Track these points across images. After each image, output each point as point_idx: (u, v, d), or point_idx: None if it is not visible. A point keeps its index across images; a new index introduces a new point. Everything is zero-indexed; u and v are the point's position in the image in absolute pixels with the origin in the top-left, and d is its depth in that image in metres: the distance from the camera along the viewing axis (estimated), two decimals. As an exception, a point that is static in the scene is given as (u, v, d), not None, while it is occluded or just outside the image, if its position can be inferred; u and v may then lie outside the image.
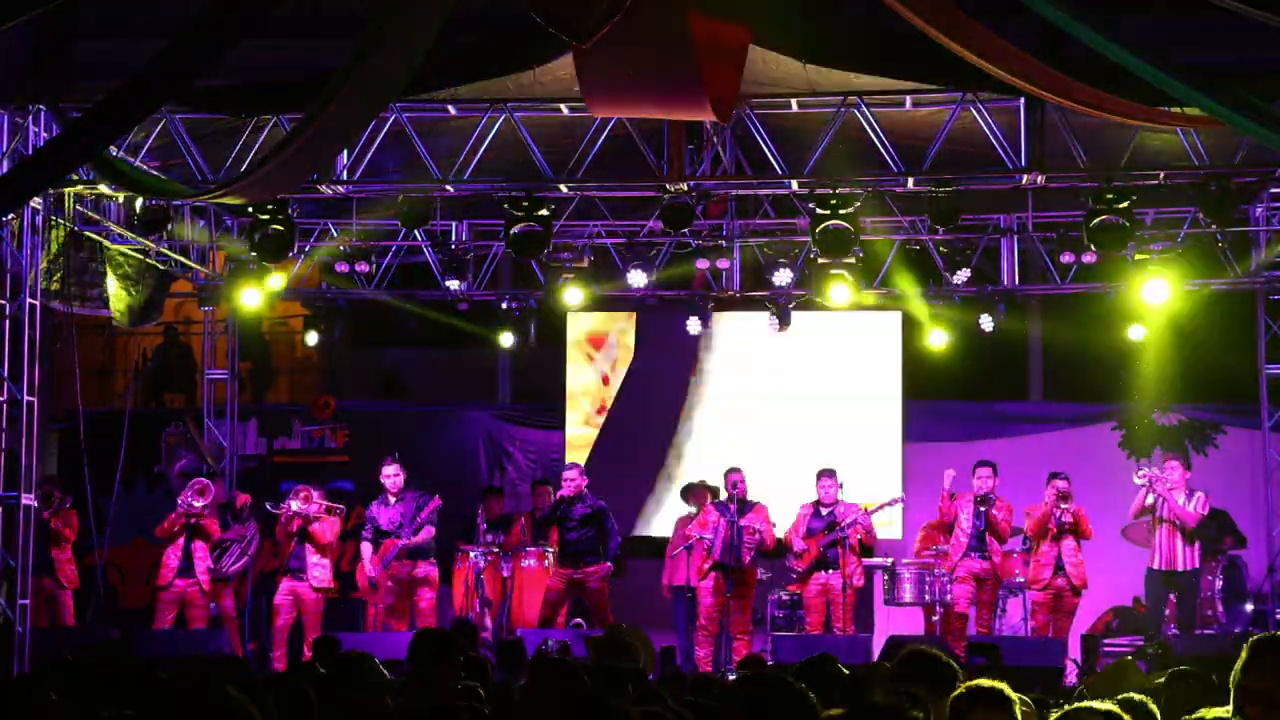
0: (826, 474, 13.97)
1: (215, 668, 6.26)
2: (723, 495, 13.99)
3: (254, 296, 14.98)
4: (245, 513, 14.55)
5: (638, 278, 14.86)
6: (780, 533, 14.06)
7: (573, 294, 14.82)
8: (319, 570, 13.97)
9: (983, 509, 13.59)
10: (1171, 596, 13.73)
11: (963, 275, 14.56)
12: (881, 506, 14.20)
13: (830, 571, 13.59)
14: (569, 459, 16.23)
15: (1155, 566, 13.60)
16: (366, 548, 14.09)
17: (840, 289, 14.26)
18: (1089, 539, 13.51)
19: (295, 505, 13.83)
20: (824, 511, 13.76)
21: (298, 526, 13.87)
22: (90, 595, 14.75)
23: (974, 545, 13.65)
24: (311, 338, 16.09)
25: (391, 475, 14.11)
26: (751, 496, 13.98)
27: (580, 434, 16.95)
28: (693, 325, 15.86)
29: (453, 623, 13.11)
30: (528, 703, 5.25)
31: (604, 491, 14.64)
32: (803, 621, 13.93)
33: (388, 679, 5.77)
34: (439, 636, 6.55)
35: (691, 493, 14.94)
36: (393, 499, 14.10)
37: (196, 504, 13.96)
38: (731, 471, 14.16)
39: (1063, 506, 13.36)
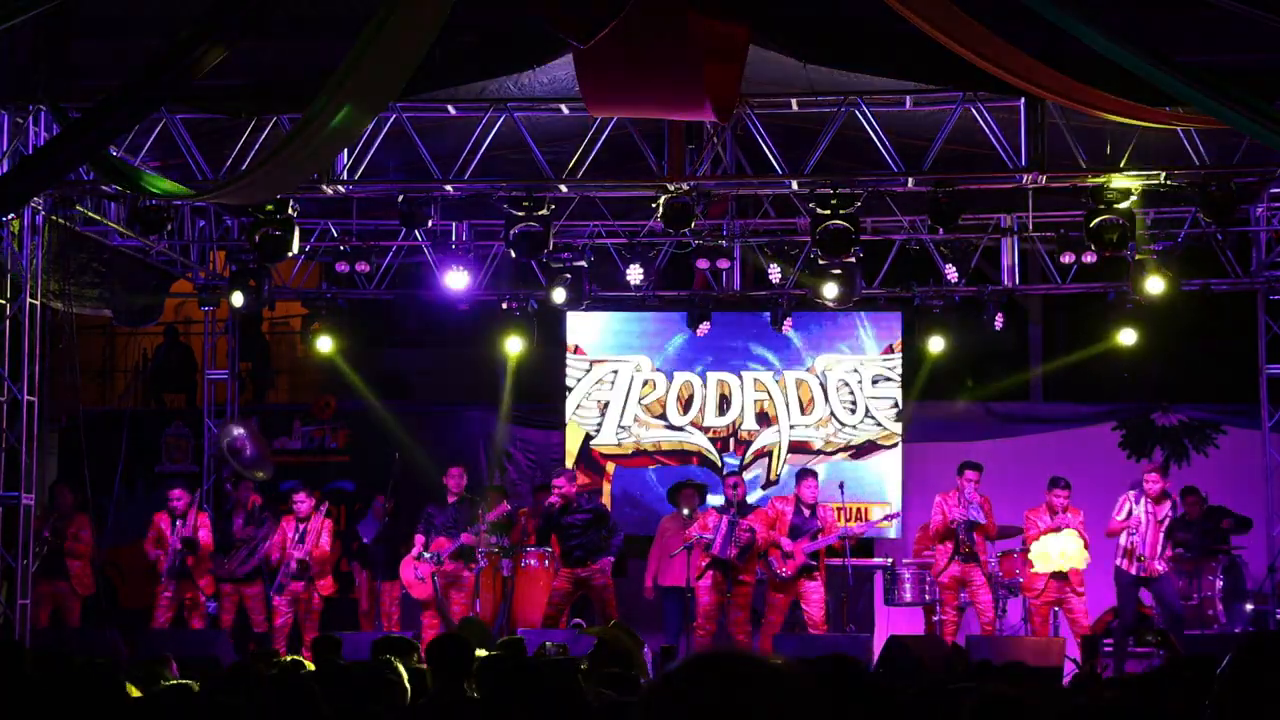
0: (809, 475, 14.04)
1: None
2: (718, 499, 14.04)
3: (240, 299, 14.94)
4: (257, 513, 14.57)
5: (637, 277, 14.85)
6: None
7: (572, 294, 14.79)
8: (321, 578, 14.05)
9: (965, 521, 13.60)
10: (1144, 595, 13.72)
11: (951, 272, 14.56)
12: (878, 522, 14.25)
13: (810, 578, 13.65)
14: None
15: (1129, 571, 13.59)
16: (420, 540, 14.32)
17: (839, 288, 14.25)
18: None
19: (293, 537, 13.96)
20: (805, 512, 13.78)
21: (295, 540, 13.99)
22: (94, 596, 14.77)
23: (957, 548, 13.66)
24: (325, 344, 15.95)
25: (455, 477, 14.46)
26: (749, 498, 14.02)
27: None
28: (701, 328, 15.83)
29: (460, 623, 13.15)
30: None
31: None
32: (802, 622, 13.94)
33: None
34: (455, 641, 6.56)
35: (680, 494, 14.95)
36: (451, 500, 14.38)
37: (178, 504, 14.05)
38: (730, 475, 14.18)
39: (1053, 518, 13.37)
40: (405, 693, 6.08)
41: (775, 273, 14.91)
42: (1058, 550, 13.43)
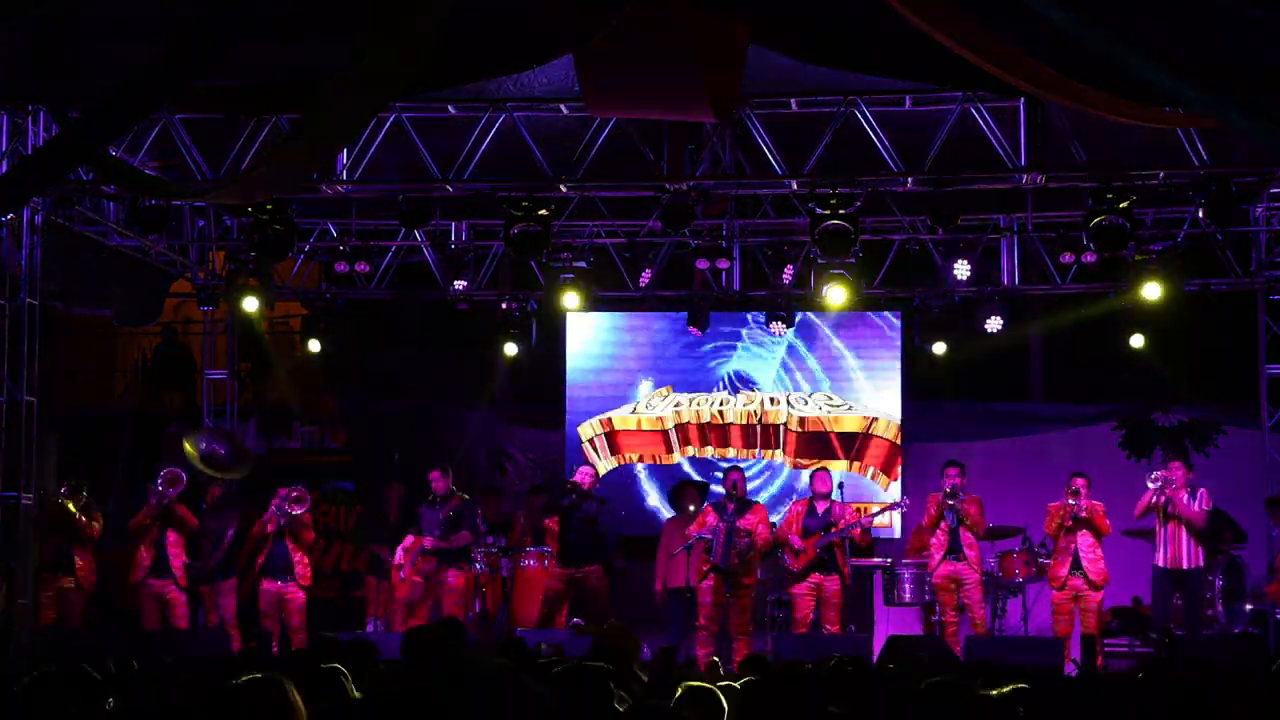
0: (823, 470, 14.07)
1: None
2: (721, 493, 14.03)
3: (254, 304, 14.96)
4: (218, 505, 14.54)
5: (637, 278, 14.86)
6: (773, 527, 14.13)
7: (572, 294, 14.79)
8: (301, 568, 14.01)
9: (951, 503, 13.61)
10: (1177, 596, 13.76)
11: (963, 269, 14.56)
12: (883, 510, 14.25)
13: (826, 574, 13.61)
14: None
15: (1161, 565, 13.64)
16: (410, 538, 14.34)
17: (840, 289, 14.24)
18: (1106, 534, 13.54)
19: (285, 506, 13.85)
20: (820, 509, 13.77)
21: (273, 529, 13.90)
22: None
23: (950, 546, 13.66)
24: (314, 345, 16.01)
25: (435, 480, 14.40)
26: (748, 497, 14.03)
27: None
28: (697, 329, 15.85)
29: (438, 624, 13.11)
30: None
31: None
32: (794, 618, 13.93)
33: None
34: (430, 633, 6.57)
35: (682, 494, 14.93)
36: (438, 501, 14.34)
37: (170, 492, 13.90)
38: (731, 470, 14.19)
39: (1075, 503, 13.40)
40: None
41: (788, 274, 14.86)
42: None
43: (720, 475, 14.61)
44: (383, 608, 15.11)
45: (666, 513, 15.84)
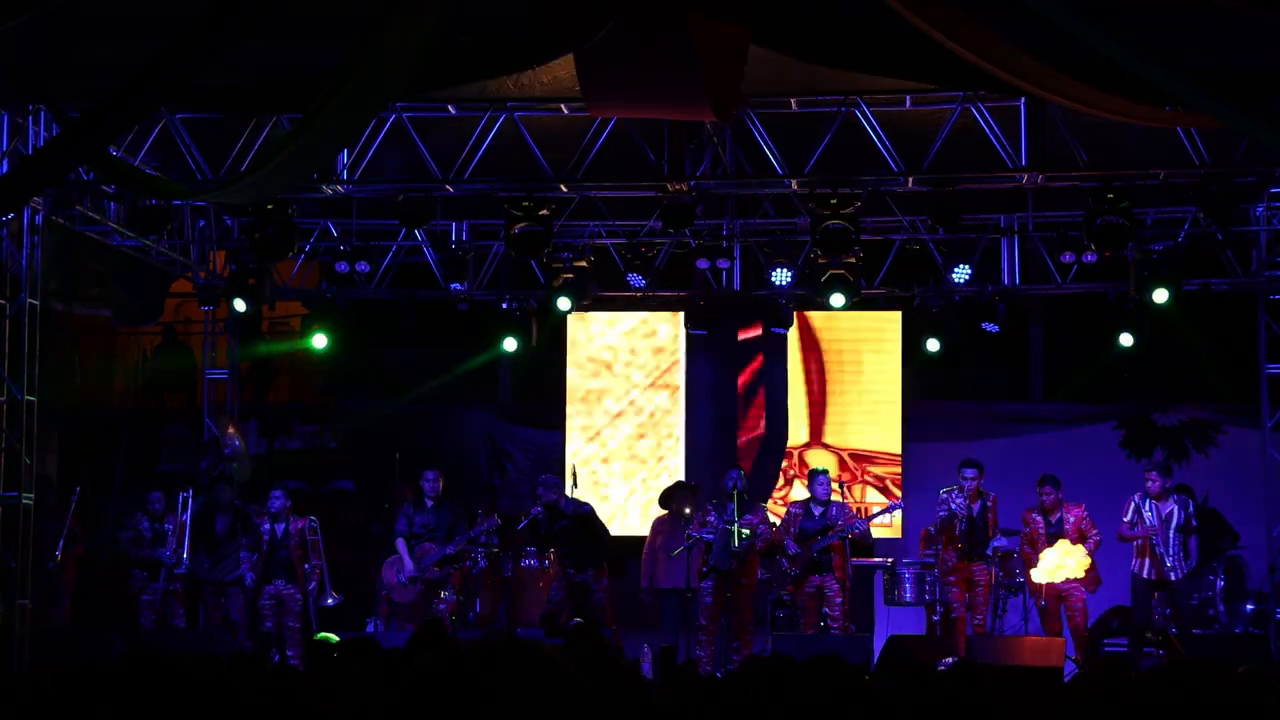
0: (821, 473, 14.03)
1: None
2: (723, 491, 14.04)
3: (242, 304, 14.95)
4: (240, 520, 14.51)
5: (637, 278, 14.86)
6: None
7: (572, 295, 14.78)
8: (301, 575, 14.03)
9: (968, 513, 13.58)
10: (1159, 595, 13.73)
11: (964, 272, 14.56)
12: (881, 512, 14.25)
13: (824, 575, 13.59)
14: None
15: (1144, 575, 13.60)
16: (401, 544, 14.19)
17: (840, 289, 14.23)
18: (1084, 541, 13.50)
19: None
20: (817, 512, 13.75)
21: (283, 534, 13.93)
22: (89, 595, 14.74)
23: (965, 547, 13.65)
24: (320, 341, 16.00)
25: (430, 481, 14.29)
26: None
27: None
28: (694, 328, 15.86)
29: (422, 622, 13.10)
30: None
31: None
32: (801, 622, 13.95)
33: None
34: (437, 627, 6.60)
35: (674, 496, 14.91)
36: (429, 503, 14.25)
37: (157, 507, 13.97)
38: (732, 469, 14.19)
39: (1046, 518, 13.39)
40: None
41: (785, 277, 14.85)
42: (1054, 564, 13.45)
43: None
44: (385, 608, 15.12)
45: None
